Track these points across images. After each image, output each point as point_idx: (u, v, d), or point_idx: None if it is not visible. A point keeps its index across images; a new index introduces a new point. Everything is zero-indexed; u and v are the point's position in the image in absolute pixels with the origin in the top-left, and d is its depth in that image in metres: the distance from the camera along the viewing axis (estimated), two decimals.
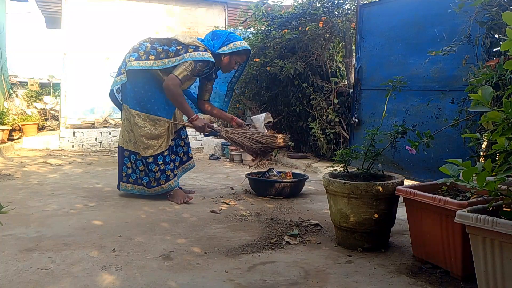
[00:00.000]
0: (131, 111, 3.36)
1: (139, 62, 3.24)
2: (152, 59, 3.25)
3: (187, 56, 3.21)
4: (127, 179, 3.49)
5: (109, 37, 7.68)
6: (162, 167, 3.39)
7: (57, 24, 9.74)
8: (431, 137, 2.24)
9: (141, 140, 3.35)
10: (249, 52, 3.54)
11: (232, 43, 3.37)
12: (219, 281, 1.86)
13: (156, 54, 3.26)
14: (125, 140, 3.50)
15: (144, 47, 3.31)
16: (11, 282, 1.82)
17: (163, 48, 3.28)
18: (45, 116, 9.25)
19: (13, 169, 4.93)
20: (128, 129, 3.45)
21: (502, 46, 1.35)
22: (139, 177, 3.44)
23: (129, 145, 3.46)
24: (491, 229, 1.35)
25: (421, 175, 3.60)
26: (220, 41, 3.39)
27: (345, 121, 4.97)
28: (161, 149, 3.39)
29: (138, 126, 3.34)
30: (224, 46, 3.37)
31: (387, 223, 2.26)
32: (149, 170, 3.38)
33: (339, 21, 5.03)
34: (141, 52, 3.29)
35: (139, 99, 3.34)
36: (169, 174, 3.43)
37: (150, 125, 3.34)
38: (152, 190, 3.40)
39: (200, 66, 3.28)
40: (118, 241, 2.38)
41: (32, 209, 3.09)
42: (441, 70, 3.50)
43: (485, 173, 1.36)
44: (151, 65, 3.23)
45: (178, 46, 3.30)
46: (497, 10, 2.70)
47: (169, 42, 3.36)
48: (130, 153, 3.47)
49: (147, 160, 3.37)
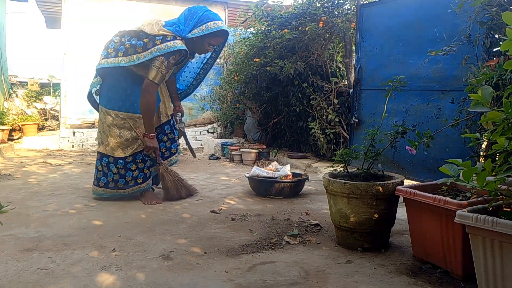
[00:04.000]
0: (109, 112, 3.25)
1: (107, 60, 3.16)
2: (121, 55, 3.13)
3: (155, 50, 3.02)
4: (97, 182, 3.36)
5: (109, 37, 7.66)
6: (141, 166, 3.31)
7: (57, 24, 9.75)
8: (431, 137, 2.24)
9: (120, 141, 3.25)
10: (225, 33, 3.26)
11: (204, 24, 3.11)
12: (219, 281, 1.86)
13: (125, 50, 3.14)
14: (97, 142, 3.40)
15: (114, 43, 3.20)
16: (11, 282, 1.82)
17: (130, 43, 3.13)
18: (45, 116, 9.25)
19: (13, 169, 4.93)
20: (101, 130, 3.34)
21: (502, 46, 1.35)
22: (113, 180, 3.31)
23: (100, 147, 3.35)
24: (491, 229, 1.35)
25: (421, 175, 3.60)
26: (192, 23, 3.13)
27: (345, 121, 4.97)
28: (141, 147, 3.28)
29: (116, 127, 3.23)
30: (196, 28, 3.12)
31: (387, 223, 2.26)
32: (126, 170, 3.28)
33: (339, 21, 5.03)
34: (110, 49, 3.19)
35: (117, 97, 3.24)
36: (146, 172, 3.34)
37: (130, 124, 3.24)
38: (129, 190, 3.30)
39: (173, 58, 3.09)
40: (118, 241, 2.38)
41: (32, 209, 3.09)
42: (441, 70, 3.50)
43: (485, 173, 1.36)
44: (119, 62, 3.12)
45: (145, 39, 3.10)
46: (497, 10, 2.70)
47: (137, 35, 3.16)
48: (102, 156, 3.34)
49: (126, 160, 3.27)
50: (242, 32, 8.14)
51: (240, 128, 7.35)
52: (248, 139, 6.96)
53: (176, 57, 3.13)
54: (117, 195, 3.34)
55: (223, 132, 7.71)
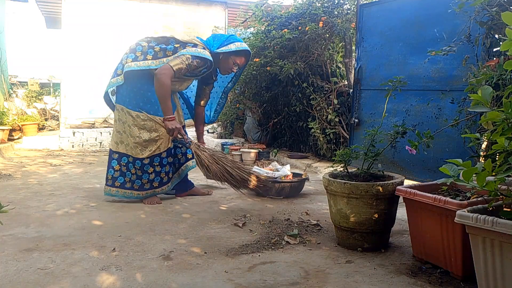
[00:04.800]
0: (130, 112, 3.28)
1: (137, 63, 3.20)
2: (149, 58, 3.21)
3: (185, 51, 3.17)
4: (112, 182, 3.32)
5: (109, 37, 7.68)
6: (158, 169, 3.31)
7: (57, 24, 9.75)
8: (431, 137, 2.24)
9: (138, 142, 3.26)
10: (249, 54, 3.51)
11: (232, 43, 3.34)
12: (219, 281, 1.86)
13: (154, 53, 3.23)
14: (114, 141, 3.39)
15: (141, 47, 3.27)
16: (11, 282, 1.82)
17: (160, 47, 3.24)
18: (45, 116, 9.26)
19: (13, 169, 4.93)
20: (120, 130, 3.35)
21: (502, 46, 1.35)
22: (130, 180, 3.30)
23: (120, 147, 3.34)
24: (491, 229, 1.35)
25: (421, 175, 3.60)
26: (220, 41, 3.37)
27: (345, 121, 4.97)
28: (159, 150, 3.31)
29: (137, 127, 3.26)
30: (224, 46, 3.34)
31: (387, 223, 2.26)
32: (143, 172, 3.29)
33: (339, 21, 5.03)
34: (138, 52, 3.25)
35: (138, 99, 3.28)
36: (163, 177, 3.34)
37: (150, 126, 3.27)
38: (143, 193, 3.31)
39: (197, 62, 3.20)
40: (118, 241, 2.38)
41: (32, 209, 3.09)
42: (441, 70, 3.50)
43: (485, 173, 1.36)
44: (149, 65, 3.19)
45: (176, 44, 3.27)
46: (497, 10, 2.70)
47: (167, 41, 3.31)
48: (121, 155, 3.33)
49: (143, 162, 3.28)
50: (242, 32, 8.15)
51: (240, 128, 7.35)
52: (248, 139, 6.96)
53: (200, 63, 3.24)
54: (131, 197, 3.32)
55: (223, 132, 7.72)
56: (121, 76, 3.27)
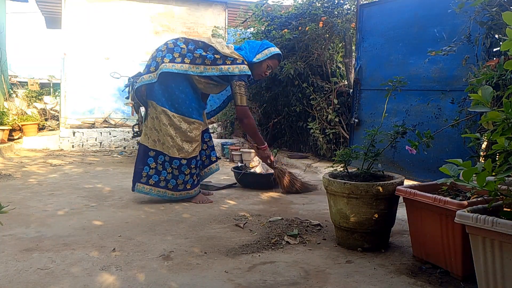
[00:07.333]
0: (166, 111, 3.24)
1: (175, 65, 3.17)
2: (187, 62, 3.19)
3: (225, 70, 3.20)
4: (146, 180, 3.29)
5: (109, 37, 7.68)
6: (193, 171, 3.33)
7: (57, 24, 9.74)
8: (431, 137, 2.24)
9: (175, 142, 3.24)
10: (280, 57, 3.53)
11: (267, 49, 3.40)
12: (219, 281, 1.86)
13: (192, 58, 3.20)
14: (151, 139, 3.34)
15: (180, 49, 3.23)
16: (11, 282, 1.82)
17: (200, 54, 3.21)
18: (45, 116, 9.24)
19: (13, 169, 4.93)
20: (157, 127, 3.31)
21: (502, 46, 1.35)
22: (165, 179, 3.30)
23: (157, 145, 3.31)
24: (491, 229, 1.35)
25: (421, 175, 3.60)
26: (256, 49, 3.40)
27: (345, 121, 4.97)
28: (195, 153, 3.32)
29: (172, 127, 3.24)
30: (259, 53, 3.38)
31: (387, 223, 2.26)
32: (179, 172, 3.27)
33: (339, 21, 5.04)
34: (176, 53, 3.21)
35: (173, 100, 3.25)
36: (194, 179, 3.36)
37: (186, 127, 3.26)
38: (177, 194, 3.30)
39: (245, 79, 3.31)
40: (118, 241, 2.38)
41: (32, 209, 3.09)
42: (441, 70, 3.50)
43: (485, 173, 1.36)
44: (187, 69, 3.18)
45: (216, 55, 3.24)
46: (497, 10, 2.70)
47: (206, 48, 3.28)
48: (157, 154, 3.31)
49: (181, 162, 3.26)
50: (242, 32, 8.14)
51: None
52: (248, 139, 6.96)
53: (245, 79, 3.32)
54: (164, 196, 3.30)
55: (223, 132, 7.72)
56: (154, 73, 3.23)
